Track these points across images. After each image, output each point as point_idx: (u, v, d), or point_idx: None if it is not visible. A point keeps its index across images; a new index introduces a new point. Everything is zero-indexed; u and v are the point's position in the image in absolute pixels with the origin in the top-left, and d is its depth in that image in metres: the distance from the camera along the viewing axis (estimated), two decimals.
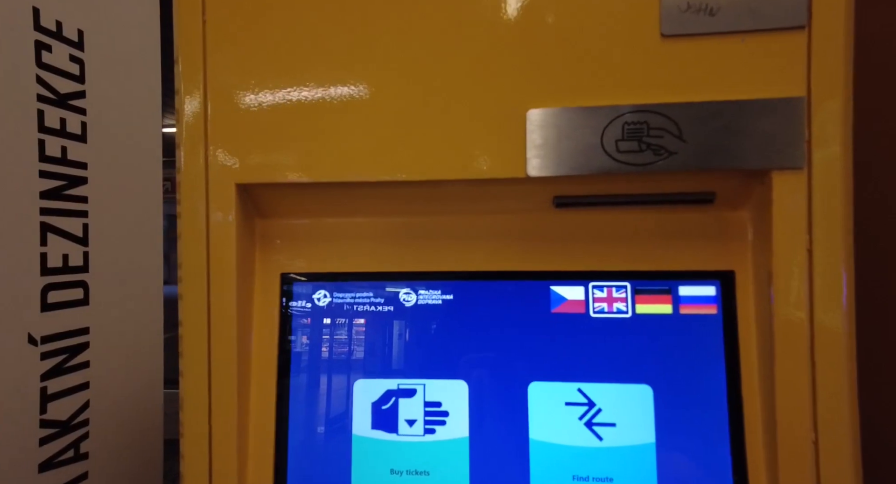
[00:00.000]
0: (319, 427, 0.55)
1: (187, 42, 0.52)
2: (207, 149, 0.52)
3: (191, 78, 0.52)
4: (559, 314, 0.53)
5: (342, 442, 0.54)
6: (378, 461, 0.53)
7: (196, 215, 0.52)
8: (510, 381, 0.53)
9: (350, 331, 0.56)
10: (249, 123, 0.52)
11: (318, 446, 0.54)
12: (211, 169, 0.52)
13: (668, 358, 0.51)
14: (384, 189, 0.53)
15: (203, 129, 0.52)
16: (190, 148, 0.52)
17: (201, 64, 0.52)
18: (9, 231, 0.71)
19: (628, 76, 0.47)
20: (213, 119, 0.52)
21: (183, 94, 0.53)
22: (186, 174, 0.53)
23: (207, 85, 0.52)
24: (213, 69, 0.52)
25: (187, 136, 0.52)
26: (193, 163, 0.52)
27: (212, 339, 0.52)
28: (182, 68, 0.53)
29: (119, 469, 0.92)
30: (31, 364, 0.74)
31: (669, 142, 0.47)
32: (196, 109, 0.52)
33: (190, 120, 0.52)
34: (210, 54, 0.52)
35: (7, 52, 0.70)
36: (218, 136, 0.52)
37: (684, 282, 0.52)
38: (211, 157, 0.52)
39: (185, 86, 0.53)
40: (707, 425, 0.49)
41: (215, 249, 0.52)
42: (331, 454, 0.54)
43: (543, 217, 0.53)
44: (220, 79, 0.52)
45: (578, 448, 0.51)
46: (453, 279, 0.55)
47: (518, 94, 0.48)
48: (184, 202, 0.53)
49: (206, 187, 0.52)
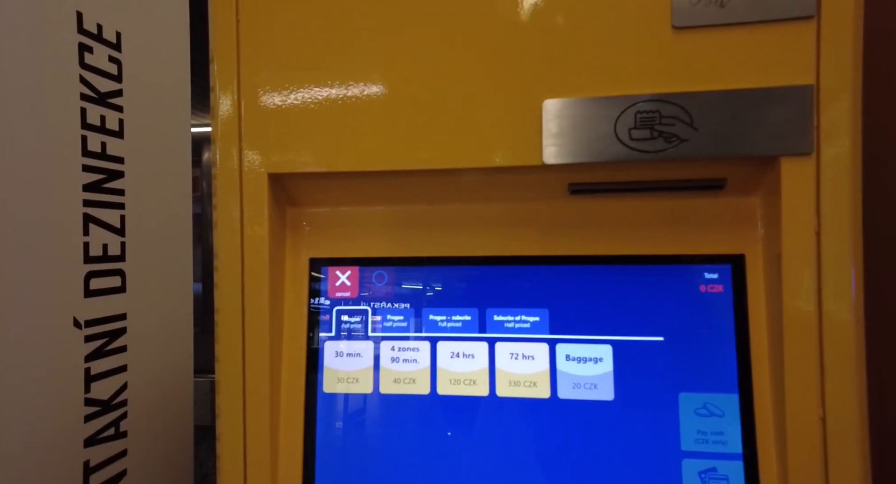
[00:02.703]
0: (346, 404, 0.58)
1: (222, 40, 0.56)
2: (241, 141, 0.56)
3: (225, 75, 0.56)
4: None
5: (371, 420, 0.57)
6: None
7: (231, 205, 0.56)
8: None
9: (378, 313, 0.59)
10: (280, 117, 0.55)
11: (347, 424, 0.58)
12: (244, 160, 0.56)
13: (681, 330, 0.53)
14: (406, 178, 0.56)
15: (237, 123, 0.56)
16: (225, 141, 0.56)
17: (235, 61, 0.56)
18: (57, 221, 0.76)
19: (641, 67, 0.49)
20: (247, 113, 0.56)
21: (218, 91, 0.56)
22: (222, 166, 0.56)
23: (241, 81, 0.56)
24: (247, 66, 0.56)
25: (222, 129, 0.56)
26: (228, 155, 0.56)
27: (245, 323, 0.56)
28: (217, 66, 0.56)
29: (154, 449, 0.97)
30: (77, 346, 0.79)
31: (681, 130, 0.49)
32: (230, 104, 0.56)
33: (224, 114, 0.56)
34: (243, 52, 0.56)
35: (54, 54, 0.75)
36: (251, 129, 0.56)
37: (696, 265, 0.54)
38: (244, 149, 0.56)
39: (219, 82, 0.56)
40: (718, 397, 0.51)
41: (249, 236, 0.56)
42: (360, 434, 0.57)
43: (559, 204, 0.56)
44: (252, 75, 0.56)
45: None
46: (473, 264, 0.58)
47: (534, 86, 0.51)
48: (219, 193, 0.56)
49: (239, 178, 0.56)
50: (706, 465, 0.51)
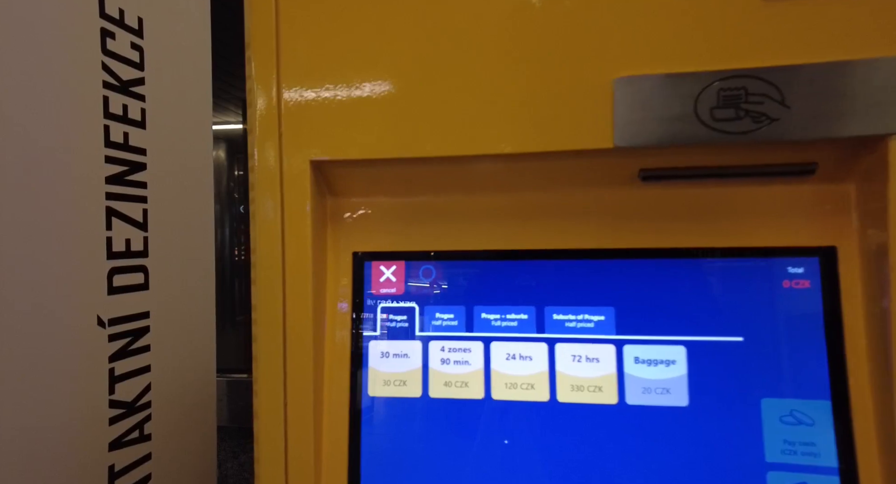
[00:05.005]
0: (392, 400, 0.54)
1: (260, 21, 0.52)
2: (281, 126, 0.52)
3: (264, 57, 0.52)
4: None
5: (420, 426, 0.53)
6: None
7: (270, 195, 0.52)
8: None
9: (425, 311, 0.55)
10: (323, 100, 0.51)
11: (393, 430, 0.54)
12: (284, 147, 0.52)
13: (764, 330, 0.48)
14: (459, 165, 0.51)
15: (276, 107, 0.52)
16: (264, 127, 0.52)
17: (274, 42, 0.52)
18: (81, 215, 0.72)
19: (724, 38, 0.45)
20: (287, 97, 0.51)
21: (255, 74, 0.52)
22: (260, 154, 0.52)
23: (280, 64, 0.52)
24: (286, 46, 0.51)
25: (260, 115, 0.52)
26: (267, 142, 0.52)
27: (287, 321, 0.52)
28: (254, 48, 0.52)
29: (178, 452, 0.94)
30: (101, 345, 0.76)
31: (771, 108, 0.44)
32: (269, 87, 0.52)
33: (262, 99, 0.52)
34: (283, 32, 0.52)
35: (77, 39, 0.71)
36: (291, 114, 0.51)
37: (778, 258, 0.49)
38: (284, 135, 0.52)
39: (257, 65, 0.52)
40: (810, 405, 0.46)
41: (290, 229, 0.52)
42: (408, 441, 0.53)
43: (627, 192, 0.51)
44: (292, 57, 0.51)
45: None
46: (529, 258, 0.53)
47: (604, 62, 0.46)
48: (257, 184, 0.52)
49: (279, 166, 0.52)
50: (795, 479, 0.46)
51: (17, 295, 0.64)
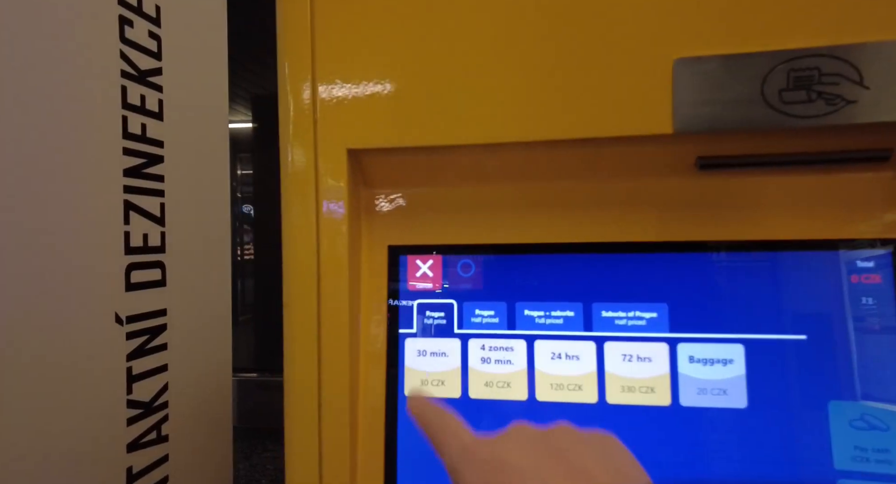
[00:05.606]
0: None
1: (294, 14, 0.49)
2: (316, 113, 0.49)
3: (298, 49, 0.49)
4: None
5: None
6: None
7: (304, 186, 0.49)
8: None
9: (464, 307, 0.52)
10: (359, 90, 0.48)
11: None
12: (320, 138, 0.49)
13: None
14: (499, 152, 0.48)
15: (312, 93, 0.49)
16: (298, 115, 0.49)
17: (309, 27, 0.49)
18: (99, 209, 0.70)
19: (795, 14, 0.42)
20: (322, 82, 0.49)
21: (288, 61, 0.49)
22: (294, 141, 0.49)
23: (315, 49, 0.49)
24: (321, 30, 0.49)
25: (294, 101, 0.49)
26: (301, 130, 0.49)
27: (322, 318, 0.49)
28: (288, 33, 0.49)
29: (195, 453, 0.91)
30: (119, 343, 0.73)
31: (847, 89, 0.41)
32: (302, 73, 0.49)
33: (296, 84, 0.49)
34: (317, 24, 0.49)
35: (95, 27, 0.69)
36: (327, 101, 0.49)
37: (845, 252, 0.46)
38: (320, 125, 0.49)
39: (289, 51, 0.49)
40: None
41: (325, 221, 0.49)
42: None
43: (682, 181, 0.48)
44: (327, 40, 0.49)
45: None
46: (576, 252, 0.51)
47: (664, 42, 0.43)
48: (290, 173, 0.50)
49: (314, 155, 0.49)
50: None
51: (34, 291, 0.62)
